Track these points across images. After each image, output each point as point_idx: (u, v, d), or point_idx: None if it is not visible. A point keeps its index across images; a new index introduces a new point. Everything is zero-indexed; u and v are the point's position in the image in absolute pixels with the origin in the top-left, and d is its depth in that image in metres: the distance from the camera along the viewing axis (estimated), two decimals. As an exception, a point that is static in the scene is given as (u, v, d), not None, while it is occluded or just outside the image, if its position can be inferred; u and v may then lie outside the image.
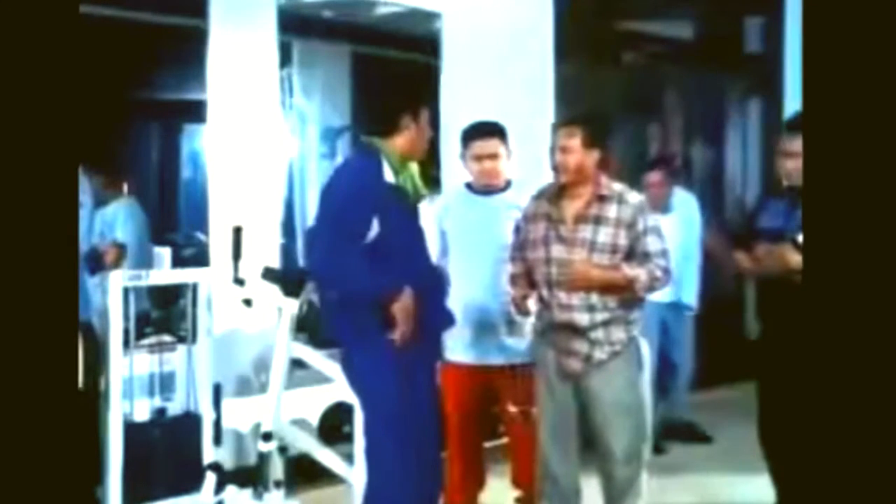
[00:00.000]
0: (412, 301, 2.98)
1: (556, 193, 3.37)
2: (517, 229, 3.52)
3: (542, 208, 3.39)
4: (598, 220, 3.28)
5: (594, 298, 3.28)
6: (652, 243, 3.29)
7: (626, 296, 3.31)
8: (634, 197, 3.37)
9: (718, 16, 6.93)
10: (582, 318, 3.28)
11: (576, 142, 3.28)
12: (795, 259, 3.20)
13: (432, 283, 3.20)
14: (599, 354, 3.30)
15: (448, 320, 3.27)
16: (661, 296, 4.24)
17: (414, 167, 3.20)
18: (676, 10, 6.73)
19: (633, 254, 3.28)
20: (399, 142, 3.11)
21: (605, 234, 3.27)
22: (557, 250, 3.31)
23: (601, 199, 3.30)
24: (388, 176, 3.09)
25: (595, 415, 3.36)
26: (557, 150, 3.30)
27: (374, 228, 2.98)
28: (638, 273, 3.26)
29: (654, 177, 5.00)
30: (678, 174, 5.35)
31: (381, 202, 3.01)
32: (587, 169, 3.31)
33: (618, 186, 3.37)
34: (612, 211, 3.28)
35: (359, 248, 2.96)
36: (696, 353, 5.36)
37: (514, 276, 3.50)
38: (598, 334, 3.30)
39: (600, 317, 3.29)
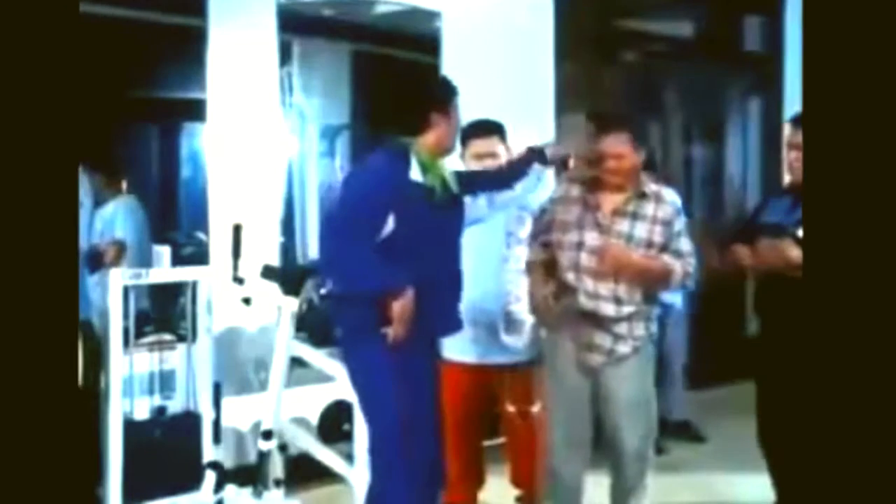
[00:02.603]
0: (411, 301, 2.98)
1: (592, 182, 3.37)
2: (543, 211, 3.50)
3: (575, 192, 3.39)
4: (635, 216, 3.30)
5: (621, 290, 3.27)
6: (685, 244, 3.33)
7: (656, 287, 3.33)
8: (671, 196, 3.40)
9: (719, 14, 6.93)
10: (608, 309, 3.27)
11: (626, 147, 3.29)
12: (796, 254, 3.21)
13: (447, 285, 3.19)
14: (622, 349, 3.30)
15: (455, 325, 3.26)
16: None
17: (444, 166, 3.20)
18: (676, 9, 6.72)
19: (667, 251, 3.30)
20: (430, 139, 3.10)
21: (641, 229, 3.28)
22: (591, 237, 3.29)
23: (640, 196, 3.32)
24: (416, 174, 3.08)
25: (612, 410, 3.34)
26: (611, 158, 3.28)
27: (389, 225, 2.97)
28: (676, 265, 3.28)
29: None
30: (661, 174, 5.37)
31: (401, 200, 3.00)
32: (637, 171, 3.33)
33: (654, 186, 3.38)
34: (649, 209, 3.30)
35: (369, 244, 2.96)
36: (697, 352, 5.37)
37: (532, 264, 3.47)
38: (622, 328, 3.29)
39: (626, 310, 3.28)
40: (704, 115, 7.24)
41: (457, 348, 3.66)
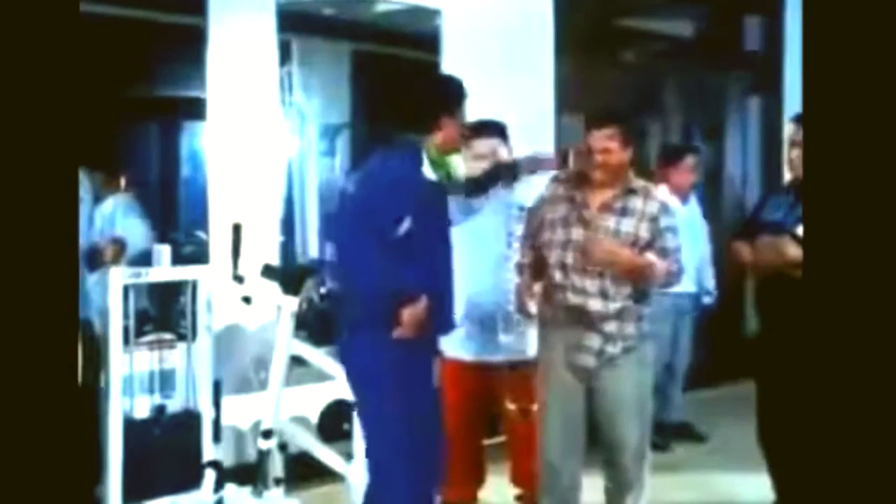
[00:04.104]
0: (424, 309, 3.01)
1: (579, 179, 3.37)
2: (531, 212, 3.52)
3: (562, 191, 3.39)
4: (623, 212, 3.30)
5: (608, 284, 3.27)
6: (670, 240, 3.33)
7: (640, 285, 3.32)
8: (658, 193, 3.40)
9: (719, 14, 6.93)
10: (595, 304, 3.27)
11: (615, 143, 3.28)
12: (793, 252, 3.21)
13: (447, 282, 3.21)
14: (612, 349, 3.30)
15: (448, 326, 3.28)
16: (685, 286, 4.30)
17: (452, 161, 3.29)
18: (677, 9, 6.72)
19: (652, 248, 3.29)
20: (437, 139, 3.16)
21: (628, 225, 3.28)
22: (578, 234, 3.30)
23: (628, 192, 3.31)
24: (428, 172, 3.14)
25: (606, 411, 3.34)
26: (598, 153, 3.28)
27: (406, 225, 3.00)
28: (660, 263, 3.28)
29: (691, 160, 5.07)
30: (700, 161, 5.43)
31: (417, 200, 3.05)
32: (624, 167, 3.32)
33: (641, 182, 3.38)
34: (637, 203, 3.30)
35: (385, 244, 2.98)
36: (696, 351, 5.36)
37: (522, 265, 3.50)
38: (612, 328, 3.29)
39: (613, 306, 3.28)
40: (704, 115, 7.24)
41: (456, 346, 3.67)
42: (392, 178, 3.10)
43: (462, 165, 3.40)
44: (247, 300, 3.72)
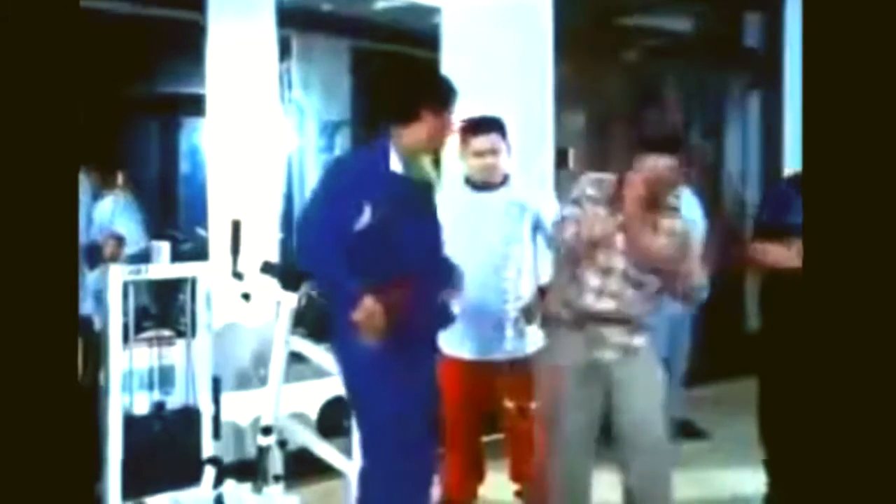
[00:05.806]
0: (373, 309, 2.90)
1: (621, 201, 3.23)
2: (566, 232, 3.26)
3: (603, 211, 3.23)
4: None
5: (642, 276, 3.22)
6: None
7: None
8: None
9: (719, 11, 6.93)
10: (633, 308, 3.24)
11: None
12: None
13: (431, 278, 3.16)
14: (637, 342, 3.29)
15: (445, 319, 3.24)
16: None
17: (426, 158, 3.16)
18: (677, 6, 6.72)
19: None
20: (414, 133, 3.02)
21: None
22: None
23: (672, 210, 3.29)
24: (396, 165, 3.03)
25: (629, 404, 3.29)
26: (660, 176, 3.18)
27: (366, 217, 2.95)
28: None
29: None
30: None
31: (377, 191, 2.96)
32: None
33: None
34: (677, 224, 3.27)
35: (342, 236, 2.94)
36: (696, 348, 5.36)
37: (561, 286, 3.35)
38: (634, 323, 3.26)
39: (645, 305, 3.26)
40: (704, 112, 7.25)
41: (456, 344, 3.67)
42: (339, 171, 3.06)
43: (432, 168, 3.28)
44: (246, 297, 3.72)
